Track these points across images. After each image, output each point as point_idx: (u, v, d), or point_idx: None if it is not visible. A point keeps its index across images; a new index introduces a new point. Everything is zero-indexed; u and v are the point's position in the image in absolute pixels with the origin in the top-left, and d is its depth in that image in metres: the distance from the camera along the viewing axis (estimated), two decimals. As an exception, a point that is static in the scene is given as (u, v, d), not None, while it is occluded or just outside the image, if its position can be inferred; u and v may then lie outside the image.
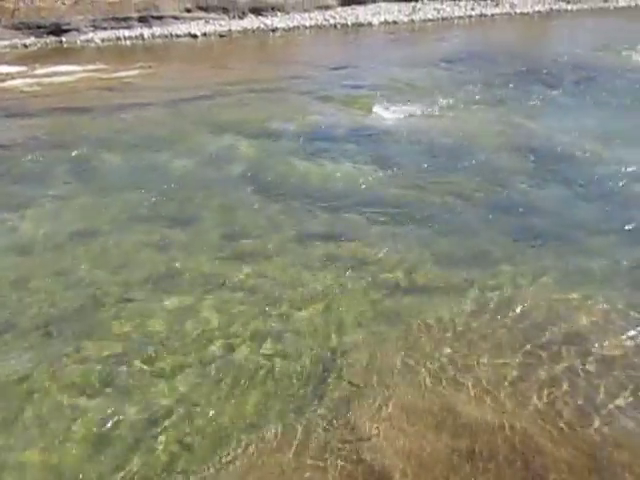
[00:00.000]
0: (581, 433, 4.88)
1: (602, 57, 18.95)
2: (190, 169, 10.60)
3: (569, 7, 29.86)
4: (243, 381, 5.62)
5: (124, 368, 5.81)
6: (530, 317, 6.34)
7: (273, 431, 5.05)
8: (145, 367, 5.83)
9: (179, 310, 6.67)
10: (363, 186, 9.73)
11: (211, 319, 6.51)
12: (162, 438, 5.02)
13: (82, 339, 6.22)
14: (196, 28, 25.54)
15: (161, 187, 9.84)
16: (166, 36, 25.12)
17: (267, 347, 6.06)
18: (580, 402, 5.18)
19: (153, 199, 9.43)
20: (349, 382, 5.55)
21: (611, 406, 5.13)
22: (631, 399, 5.20)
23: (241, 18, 26.67)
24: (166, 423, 5.17)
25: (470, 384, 5.45)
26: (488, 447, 4.79)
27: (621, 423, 4.97)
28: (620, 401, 5.18)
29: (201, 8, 26.63)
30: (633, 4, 30.63)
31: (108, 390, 5.55)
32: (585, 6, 30.19)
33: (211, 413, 5.27)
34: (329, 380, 5.57)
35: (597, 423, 4.96)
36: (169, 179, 10.17)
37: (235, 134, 12.30)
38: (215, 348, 6.07)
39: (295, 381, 5.59)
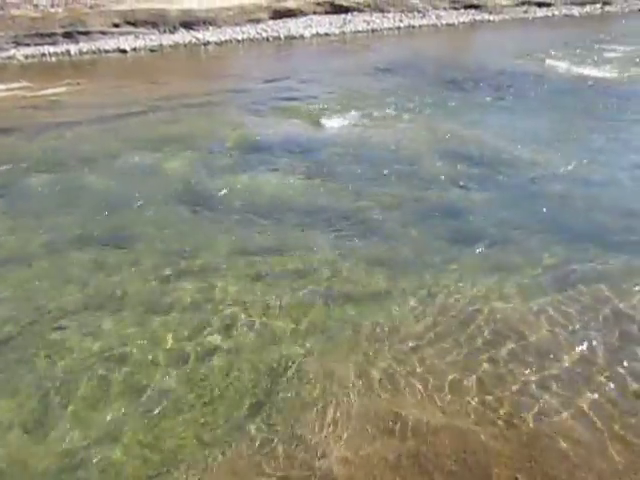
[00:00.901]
0: (520, 427, 5.06)
1: (524, 64, 19.86)
2: (123, 188, 10.32)
3: (491, 18, 31.19)
4: (194, 399, 5.52)
5: (58, 398, 5.58)
6: (469, 318, 6.53)
7: (222, 447, 4.99)
8: (87, 394, 5.62)
9: (120, 334, 6.47)
10: (302, 197, 9.78)
11: (153, 339, 6.35)
12: (109, 462, 4.86)
13: (14, 371, 5.92)
14: (125, 43, 24.97)
15: (93, 207, 9.55)
16: (94, 52, 24.41)
17: (214, 364, 5.97)
18: (518, 399, 5.37)
19: (85, 220, 9.12)
20: (297, 393, 5.54)
21: (547, 401, 5.34)
22: (564, 394, 5.43)
23: (172, 32, 26.30)
24: (112, 447, 5.00)
25: (415, 388, 5.55)
26: (434, 448, 4.89)
27: (557, 415, 5.18)
28: (554, 396, 5.40)
29: (129, 23, 26.07)
30: (550, 14, 32.35)
31: (44, 421, 5.32)
32: (507, 17, 31.61)
33: (157, 435, 5.14)
34: (278, 392, 5.56)
35: (534, 417, 5.17)
36: (101, 199, 9.87)
37: (170, 150, 12.09)
38: (161, 369, 5.93)
39: (244, 395, 5.53)
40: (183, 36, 26.14)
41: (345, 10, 30.03)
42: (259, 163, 11.26)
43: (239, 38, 26.54)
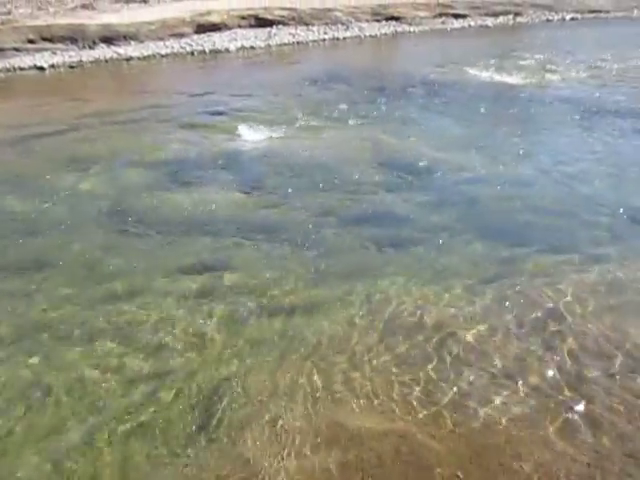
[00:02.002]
0: (459, 425, 5.15)
1: (446, 73, 20.59)
2: (43, 212, 9.82)
3: (411, 29, 32.22)
4: (132, 424, 5.30)
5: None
6: (406, 322, 6.62)
7: (165, 469, 4.82)
8: (13, 430, 5.27)
9: (46, 364, 6.14)
10: (233, 212, 9.65)
11: (82, 369, 6.06)
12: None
13: None
14: (42, 60, 23.94)
15: (9, 232, 9.02)
16: (8, 70, 23.24)
17: (153, 388, 5.75)
18: (454, 398, 5.48)
19: (1, 246, 8.62)
20: (239, 410, 5.43)
21: (481, 398, 5.48)
22: (498, 390, 5.59)
23: (92, 48, 25.48)
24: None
25: (355, 396, 5.56)
26: (376, 454, 4.90)
27: (494, 410, 5.33)
28: (489, 393, 5.55)
29: (46, 39, 25.07)
30: (466, 25, 33.79)
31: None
32: (426, 28, 32.74)
33: (96, 462, 4.92)
34: (219, 411, 5.42)
35: (471, 415, 5.28)
36: (19, 224, 9.35)
37: (93, 170, 11.65)
38: (95, 396, 5.67)
39: (184, 417, 5.37)
40: (104, 51, 25.38)
41: (270, 23, 30.18)
42: (186, 179, 11.03)
43: (163, 53, 26.06)
